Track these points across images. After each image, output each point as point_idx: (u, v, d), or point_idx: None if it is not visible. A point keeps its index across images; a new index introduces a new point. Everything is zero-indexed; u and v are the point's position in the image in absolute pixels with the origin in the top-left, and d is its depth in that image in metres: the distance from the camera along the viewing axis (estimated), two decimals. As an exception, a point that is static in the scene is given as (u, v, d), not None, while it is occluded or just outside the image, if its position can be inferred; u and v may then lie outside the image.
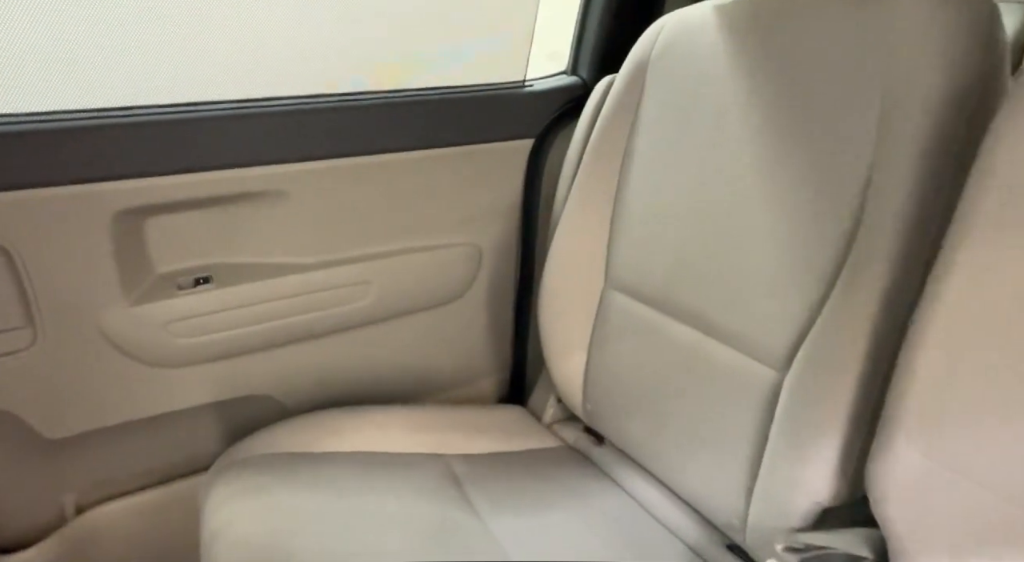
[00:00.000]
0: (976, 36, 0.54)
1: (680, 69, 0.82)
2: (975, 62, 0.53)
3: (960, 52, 0.54)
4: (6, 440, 0.86)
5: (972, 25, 0.54)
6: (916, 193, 0.55)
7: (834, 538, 0.57)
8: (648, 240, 0.86)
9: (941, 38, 0.54)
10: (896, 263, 0.56)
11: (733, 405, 0.72)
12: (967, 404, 0.46)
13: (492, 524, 0.79)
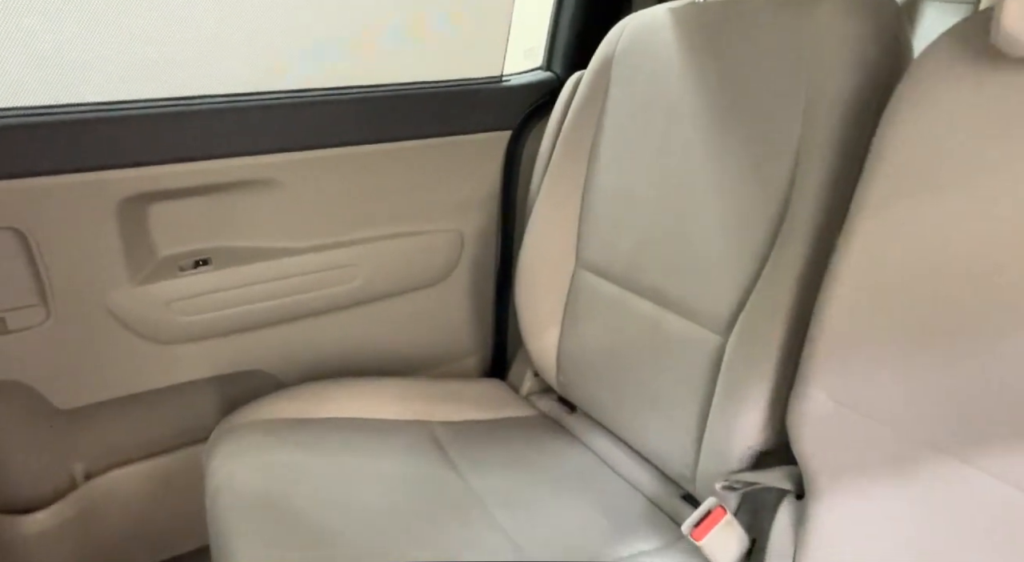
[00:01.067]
0: (883, 41, 0.62)
1: (640, 66, 0.90)
2: (882, 63, 0.61)
3: (869, 54, 0.62)
4: (21, 410, 0.93)
5: (880, 31, 0.62)
6: (832, 178, 0.64)
7: (763, 475, 0.65)
8: (613, 223, 0.94)
9: (853, 43, 0.63)
10: (816, 238, 0.64)
11: (685, 369, 0.80)
12: (866, 354, 0.55)
13: (472, 481, 0.87)
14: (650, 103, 0.88)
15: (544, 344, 1.06)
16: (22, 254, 0.86)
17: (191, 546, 1.11)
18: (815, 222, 0.64)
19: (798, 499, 0.63)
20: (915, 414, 0.52)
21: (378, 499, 0.78)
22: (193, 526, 1.10)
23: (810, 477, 0.60)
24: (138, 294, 0.95)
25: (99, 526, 1.02)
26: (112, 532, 1.03)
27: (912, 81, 0.53)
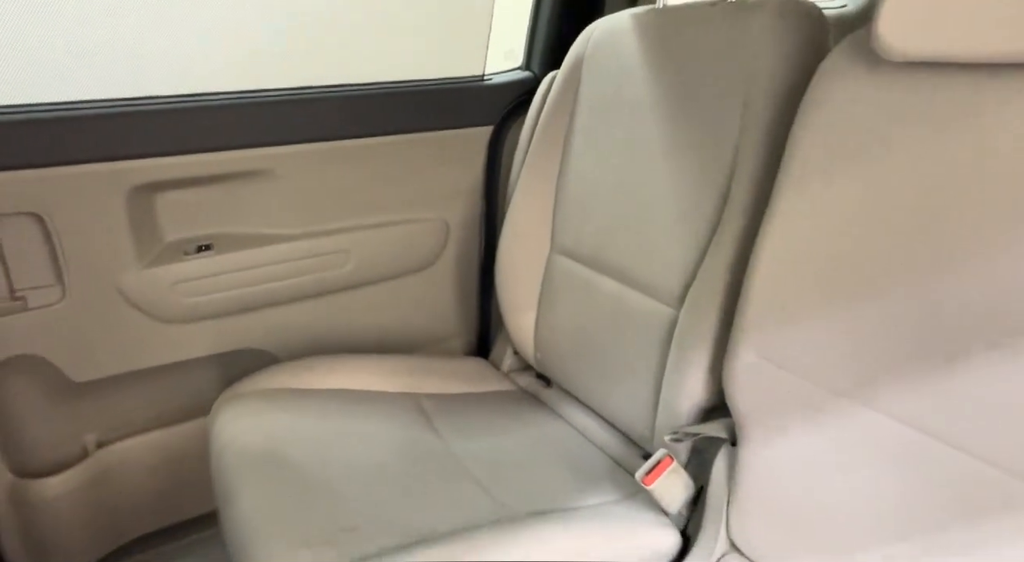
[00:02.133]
0: (808, 47, 0.71)
1: (606, 66, 0.99)
2: (806, 66, 0.70)
3: (796, 58, 0.71)
4: (39, 382, 1.00)
5: (805, 39, 0.71)
6: (764, 167, 0.73)
7: (703, 427, 0.74)
8: (583, 210, 1.03)
9: (783, 49, 0.72)
10: (750, 219, 0.73)
11: (644, 340, 0.89)
12: (784, 316, 0.64)
13: (453, 444, 0.95)
14: (615, 100, 0.97)
15: (522, 323, 1.15)
16: (41, 237, 0.94)
17: (194, 512, 1.19)
18: (750, 205, 0.73)
19: (733, 447, 0.72)
20: (824, 366, 0.61)
21: (367, 457, 0.86)
22: (196, 493, 1.18)
23: (741, 426, 0.69)
24: (146, 276, 1.03)
25: (110, 492, 1.10)
26: (122, 497, 1.11)
27: (818, 82, 0.61)
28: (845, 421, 0.60)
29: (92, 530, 1.08)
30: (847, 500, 0.59)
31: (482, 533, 0.69)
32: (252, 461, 0.81)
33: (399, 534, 0.70)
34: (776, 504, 0.66)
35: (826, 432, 0.60)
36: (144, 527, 1.15)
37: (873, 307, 0.57)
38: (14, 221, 0.93)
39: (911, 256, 0.54)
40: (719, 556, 0.73)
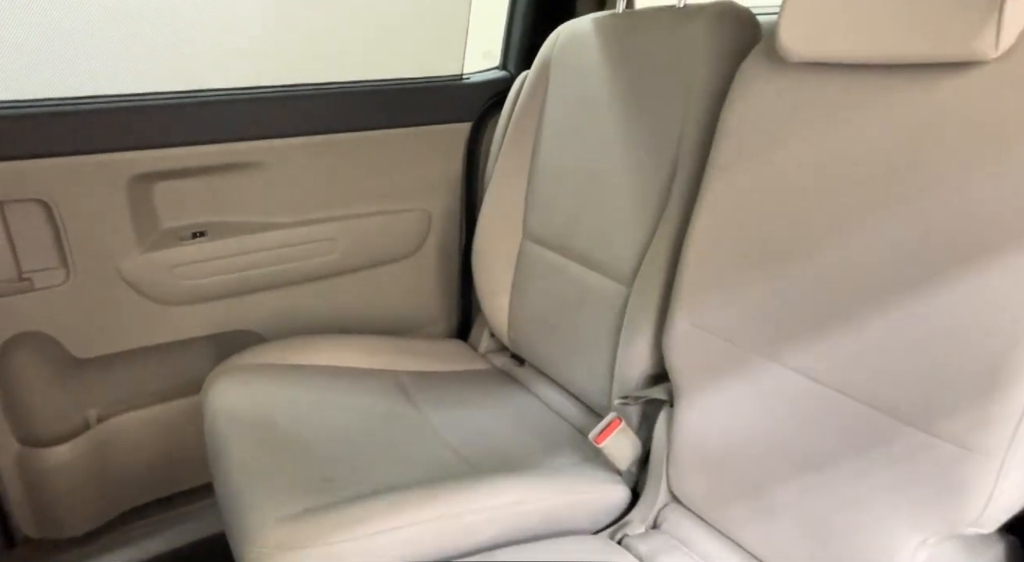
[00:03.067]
0: (739, 44, 0.79)
1: (571, 66, 1.07)
2: (737, 61, 0.78)
3: (727, 55, 0.79)
4: (45, 357, 1.08)
5: (736, 36, 0.79)
6: (702, 157, 0.81)
7: (646, 391, 0.82)
8: (552, 199, 1.11)
9: (716, 46, 0.80)
10: (689, 203, 0.81)
11: (603, 317, 0.97)
12: (710, 286, 0.72)
13: (428, 414, 1.03)
14: (578, 98, 1.05)
15: (497, 306, 1.23)
16: (47, 222, 1.02)
17: (189, 485, 1.27)
18: (689, 192, 0.81)
19: (672, 408, 0.80)
20: (743, 329, 0.69)
21: (347, 422, 0.94)
22: (191, 466, 1.25)
23: (677, 387, 0.77)
24: (144, 260, 1.11)
25: (110, 463, 1.18)
26: (121, 468, 1.18)
27: (737, 82, 0.70)
28: (759, 377, 0.67)
29: (94, 498, 1.16)
30: (761, 447, 0.67)
31: (445, 484, 0.77)
32: (241, 424, 0.89)
33: (371, 484, 0.78)
34: (705, 455, 0.73)
35: (744, 388, 0.68)
36: (142, 497, 1.23)
37: (780, 275, 0.65)
38: (22, 207, 1.00)
39: (808, 230, 0.62)
40: (660, 506, 0.81)
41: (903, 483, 0.54)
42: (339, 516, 0.70)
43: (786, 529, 0.65)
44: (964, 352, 0.51)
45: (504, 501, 0.77)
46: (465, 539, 0.73)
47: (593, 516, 0.83)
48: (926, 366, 0.53)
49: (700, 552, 0.73)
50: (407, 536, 0.70)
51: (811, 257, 0.62)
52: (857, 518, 0.58)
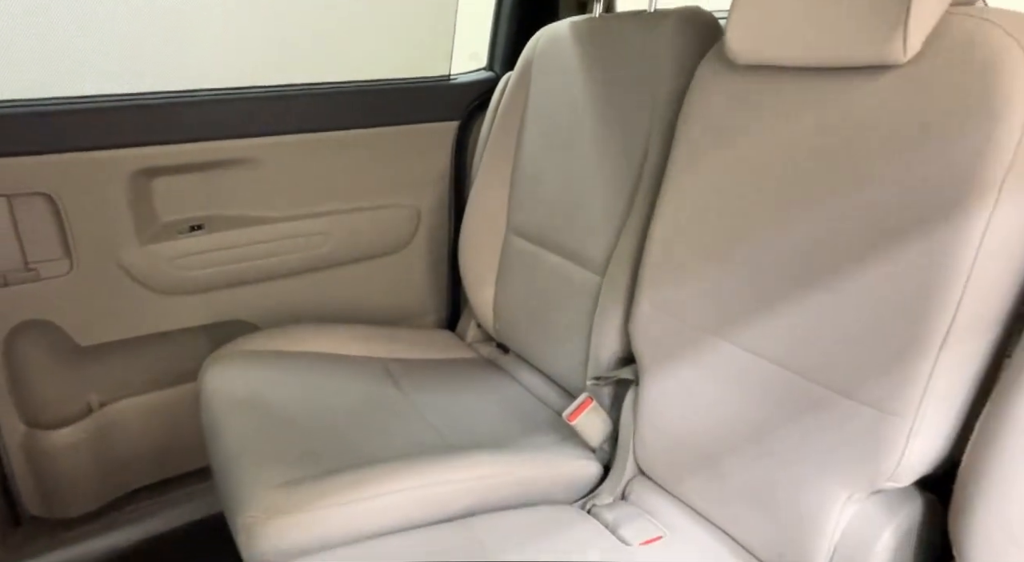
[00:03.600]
0: (701, 47, 0.84)
1: (551, 68, 1.12)
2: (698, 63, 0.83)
3: (690, 57, 0.84)
4: (49, 344, 1.13)
5: (699, 39, 0.85)
6: (668, 150, 0.86)
7: (615, 372, 0.88)
8: (533, 194, 1.16)
9: (680, 49, 0.85)
10: (654, 198, 0.86)
11: (579, 305, 1.02)
12: (670, 273, 0.77)
13: (414, 399, 1.08)
14: (558, 98, 1.10)
15: (483, 297, 1.28)
16: (51, 216, 1.07)
17: (186, 468, 1.32)
18: (655, 187, 0.87)
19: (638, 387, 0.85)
20: (699, 311, 0.74)
21: (335, 403, 0.99)
22: (189, 451, 1.31)
23: (641, 368, 0.82)
24: (144, 252, 1.16)
25: (111, 446, 1.23)
26: (122, 452, 1.24)
27: (695, 82, 0.75)
28: (711, 355, 0.73)
29: (96, 479, 1.21)
30: (713, 420, 0.72)
31: (424, 457, 0.82)
32: (234, 405, 0.94)
33: (354, 458, 0.83)
34: (666, 430, 0.79)
35: (698, 365, 0.74)
36: (142, 479, 1.28)
37: (727, 262, 0.70)
38: (27, 201, 1.06)
39: (750, 221, 0.68)
40: (628, 479, 0.86)
41: (832, 445, 0.60)
42: (324, 485, 0.75)
43: (735, 494, 0.70)
44: (881, 326, 0.56)
45: (480, 473, 0.82)
46: (442, 508, 0.79)
47: (567, 489, 0.89)
48: (850, 340, 0.58)
49: (662, 519, 0.79)
50: (387, 504, 0.75)
51: (752, 245, 0.67)
52: (795, 480, 0.63)
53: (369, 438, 0.90)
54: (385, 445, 0.88)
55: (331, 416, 0.95)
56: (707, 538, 0.75)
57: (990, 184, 0.50)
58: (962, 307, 0.51)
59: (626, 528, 0.77)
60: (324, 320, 1.40)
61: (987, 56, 0.50)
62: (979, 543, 0.51)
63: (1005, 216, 0.50)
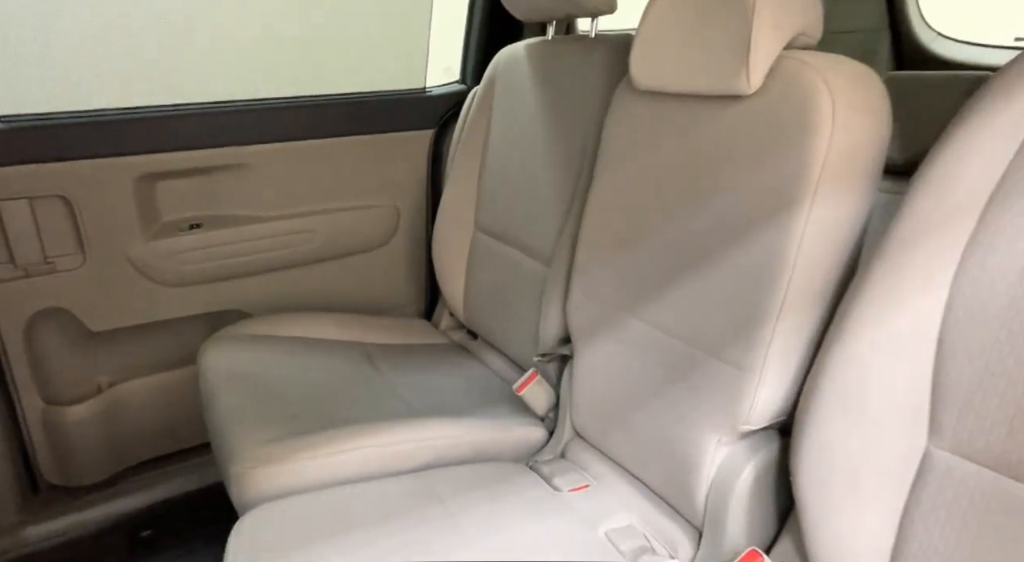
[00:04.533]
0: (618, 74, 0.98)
1: (510, 84, 1.26)
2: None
3: (617, 77, 0.98)
4: (64, 329, 1.27)
5: (625, 69, 0.99)
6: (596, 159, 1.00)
7: (556, 349, 1.02)
8: (496, 196, 1.30)
9: (610, 70, 0.99)
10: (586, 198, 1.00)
11: (532, 293, 1.16)
12: (594, 263, 0.91)
13: (388, 376, 1.22)
14: (515, 111, 1.24)
15: (454, 289, 1.42)
16: (67, 215, 1.21)
17: (186, 444, 1.46)
18: (587, 191, 1.01)
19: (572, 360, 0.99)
20: (614, 293, 0.88)
21: (317, 379, 1.13)
22: (189, 428, 1.44)
23: (575, 344, 0.96)
24: (149, 247, 1.30)
25: (119, 422, 1.37)
26: (129, 428, 1.38)
27: (612, 104, 0.89)
28: (622, 329, 0.87)
29: (105, 452, 1.35)
30: (624, 384, 0.86)
31: (390, 420, 0.96)
32: (227, 378, 1.09)
33: (328, 420, 0.97)
34: (593, 396, 0.93)
35: (616, 340, 0.88)
36: (147, 453, 1.42)
37: (631, 251, 0.84)
38: (46, 202, 1.20)
39: (646, 219, 0.82)
40: (566, 441, 1.00)
41: (706, 398, 0.73)
42: (302, 441, 0.89)
43: (644, 447, 0.84)
44: (736, 300, 0.70)
45: (437, 434, 0.96)
46: (403, 462, 0.93)
47: (515, 451, 1.03)
48: (716, 311, 0.72)
49: (591, 472, 0.93)
50: (356, 457, 0.89)
51: (648, 238, 0.81)
52: (683, 430, 0.77)
53: (344, 406, 1.04)
54: (356, 412, 1.02)
55: (312, 389, 1.09)
56: (625, 485, 0.89)
57: (806, 190, 0.64)
58: (792, 285, 0.65)
59: (559, 479, 0.91)
60: (310, 310, 1.54)
61: (803, 93, 0.64)
62: (805, 472, 0.64)
63: (819, 214, 0.64)
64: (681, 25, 0.73)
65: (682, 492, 0.78)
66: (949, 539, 0.58)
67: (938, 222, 0.58)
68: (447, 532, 0.78)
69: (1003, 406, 0.54)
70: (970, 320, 0.56)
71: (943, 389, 0.58)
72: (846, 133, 0.62)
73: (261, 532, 0.75)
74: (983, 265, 0.55)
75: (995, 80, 0.56)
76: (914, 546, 0.60)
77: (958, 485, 0.57)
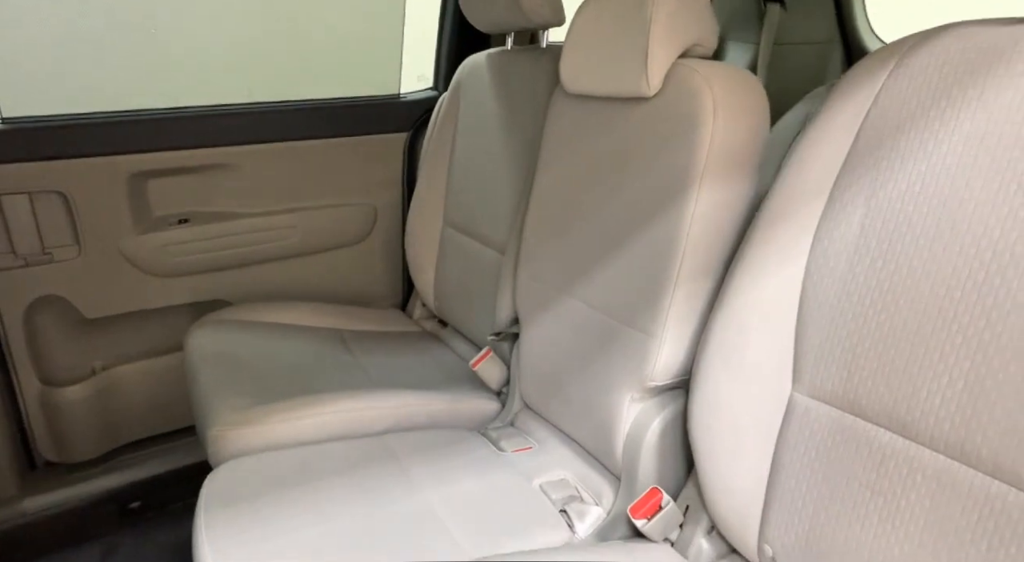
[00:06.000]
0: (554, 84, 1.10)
1: (474, 89, 1.37)
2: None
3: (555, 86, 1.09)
4: (61, 315, 1.37)
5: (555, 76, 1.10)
6: (545, 155, 1.11)
7: (508, 327, 1.12)
8: (462, 193, 1.41)
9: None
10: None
11: (491, 280, 1.27)
12: (537, 248, 1.02)
13: (360, 359, 1.32)
14: (478, 114, 1.35)
15: (425, 280, 1.53)
16: (64, 209, 1.32)
17: (173, 426, 1.55)
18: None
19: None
20: (549, 274, 0.99)
21: (292, 359, 1.24)
22: (175, 411, 1.54)
23: (521, 323, 1.07)
24: (140, 241, 1.40)
25: (111, 404, 1.47)
26: (120, 409, 1.47)
27: (550, 106, 1.00)
28: (559, 306, 0.98)
29: (98, 431, 1.45)
30: (561, 356, 0.97)
31: (351, 391, 1.06)
32: (210, 357, 1.19)
33: (297, 392, 1.07)
34: (537, 369, 1.03)
35: (553, 316, 0.98)
36: (135, 433, 1.52)
37: (564, 237, 0.95)
38: (45, 197, 1.30)
39: (580, 205, 0.93)
40: (516, 411, 1.11)
41: (620, 361, 0.84)
42: (273, 406, 0.99)
43: (577, 411, 0.94)
44: (643, 275, 0.81)
45: (396, 403, 1.06)
46: (364, 426, 1.03)
47: (469, 421, 1.13)
48: (628, 285, 0.83)
49: (534, 436, 1.03)
50: (321, 421, 1.00)
51: (578, 225, 0.93)
52: (603, 391, 0.88)
53: (311, 381, 1.14)
54: (325, 385, 1.13)
55: (287, 366, 1.19)
56: (562, 447, 0.99)
57: (694, 179, 0.75)
58: (685, 259, 0.76)
59: (505, 442, 1.02)
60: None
61: (691, 95, 0.75)
62: (696, 421, 0.75)
63: (705, 199, 0.75)
64: (599, 36, 0.84)
65: (605, 447, 0.89)
66: (807, 468, 0.68)
67: (797, 202, 0.69)
68: (399, 483, 0.88)
69: (844, 354, 0.65)
70: (821, 282, 0.67)
71: (802, 342, 0.68)
72: (726, 129, 0.74)
73: (231, 482, 0.86)
74: (830, 236, 0.66)
75: (838, 85, 0.67)
76: (782, 476, 0.70)
77: (813, 423, 0.68)
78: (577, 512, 0.88)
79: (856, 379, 0.64)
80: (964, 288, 0.57)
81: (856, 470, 0.64)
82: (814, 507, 0.68)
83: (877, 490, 0.63)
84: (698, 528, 0.80)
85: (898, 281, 0.61)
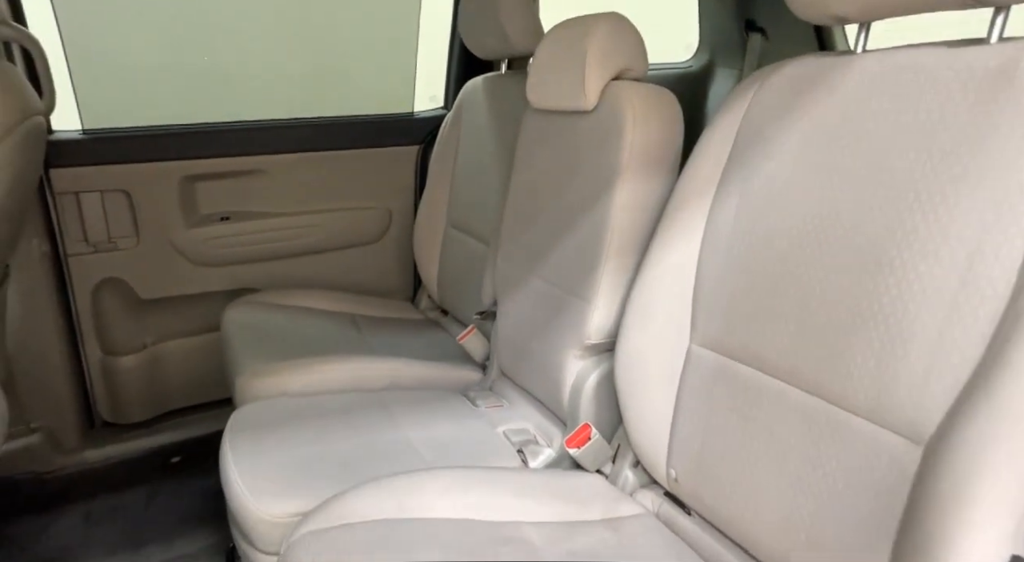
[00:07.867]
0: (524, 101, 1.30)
1: (472, 109, 1.59)
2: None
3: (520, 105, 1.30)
4: (121, 296, 1.62)
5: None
6: (523, 162, 1.32)
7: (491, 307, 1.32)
8: (461, 196, 1.62)
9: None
10: (515, 191, 1.32)
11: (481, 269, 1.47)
12: (508, 238, 1.22)
13: (367, 337, 1.54)
14: (475, 129, 1.57)
15: (430, 275, 1.74)
16: (127, 205, 1.57)
17: (210, 398, 1.79)
18: (512, 185, 1.32)
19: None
20: (516, 258, 1.18)
21: (311, 332, 1.46)
22: (212, 384, 1.77)
23: (498, 302, 1.27)
24: (188, 234, 1.65)
25: (159, 374, 1.71)
26: (166, 379, 1.71)
27: (523, 119, 1.21)
28: (523, 284, 1.17)
29: (148, 397, 1.69)
30: (524, 325, 1.16)
31: (356, 354, 1.27)
32: (241, 327, 1.42)
33: (311, 354, 1.28)
34: (509, 341, 1.23)
35: (518, 293, 1.18)
36: (179, 401, 1.75)
37: (530, 228, 1.15)
38: (113, 195, 1.56)
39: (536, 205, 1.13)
40: (495, 378, 1.30)
41: (566, 325, 1.03)
42: (290, 363, 1.21)
43: (535, 370, 1.13)
44: (583, 251, 1.00)
45: (392, 366, 1.27)
46: (366, 383, 1.23)
47: (455, 386, 1.33)
48: (572, 261, 1.03)
49: (506, 397, 1.22)
50: (328, 376, 1.21)
51: (538, 215, 1.13)
52: (554, 351, 1.06)
53: (323, 350, 1.35)
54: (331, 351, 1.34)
55: (304, 337, 1.41)
56: (526, 403, 1.18)
57: (618, 174, 0.94)
58: (612, 239, 0.95)
59: (481, 401, 1.21)
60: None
61: (616, 109, 0.95)
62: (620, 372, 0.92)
63: (626, 190, 0.94)
64: (553, 62, 1.05)
65: (556, 398, 1.07)
66: (698, 404, 0.86)
67: (695, 192, 0.87)
68: (385, 424, 1.08)
69: (722, 309, 0.83)
70: (710, 254, 0.85)
71: (697, 301, 0.87)
72: (644, 136, 0.93)
73: (252, 416, 1.07)
74: (717, 218, 0.85)
75: (724, 102, 0.86)
76: (681, 413, 0.88)
77: (702, 367, 0.85)
78: (531, 452, 1.06)
79: (730, 327, 0.82)
80: (802, 252, 0.75)
81: (730, 402, 0.82)
82: (703, 435, 0.85)
83: (746, 416, 0.80)
84: (625, 462, 0.98)
85: (759, 249, 0.79)
